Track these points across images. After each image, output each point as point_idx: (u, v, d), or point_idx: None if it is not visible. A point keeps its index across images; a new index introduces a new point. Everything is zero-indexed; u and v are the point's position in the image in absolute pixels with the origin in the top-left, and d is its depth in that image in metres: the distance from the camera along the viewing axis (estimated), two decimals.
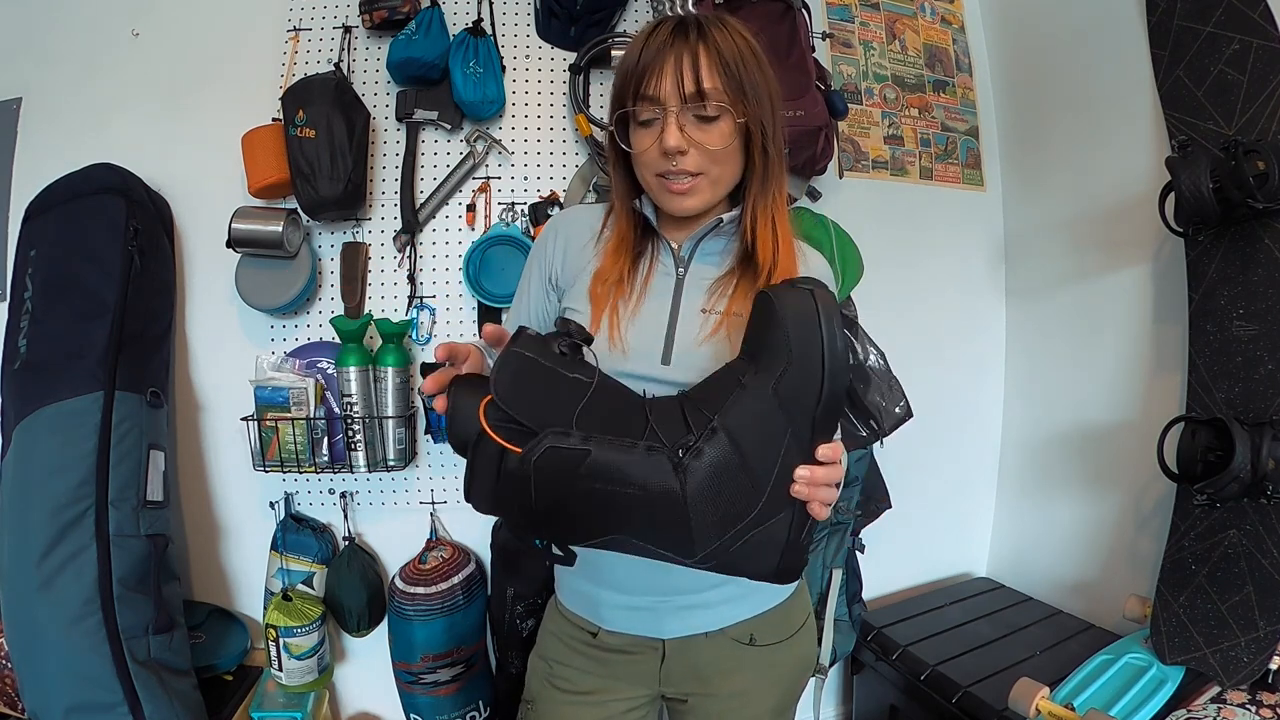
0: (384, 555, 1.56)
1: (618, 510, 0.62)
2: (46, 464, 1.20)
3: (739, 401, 0.62)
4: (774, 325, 0.62)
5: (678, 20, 0.77)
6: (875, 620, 1.67)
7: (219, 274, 1.46)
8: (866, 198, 1.80)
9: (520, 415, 0.61)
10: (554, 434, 0.61)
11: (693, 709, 0.94)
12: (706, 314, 0.82)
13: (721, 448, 0.61)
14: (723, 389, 0.64)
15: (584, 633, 0.92)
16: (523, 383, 0.62)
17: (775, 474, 0.62)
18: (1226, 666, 1.23)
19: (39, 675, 1.15)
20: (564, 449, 0.61)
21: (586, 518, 0.63)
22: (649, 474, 0.61)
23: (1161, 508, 1.47)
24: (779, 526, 0.63)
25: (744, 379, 0.63)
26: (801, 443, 0.62)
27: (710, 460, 0.61)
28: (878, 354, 1.58)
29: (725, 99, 0.75)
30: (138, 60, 1.49)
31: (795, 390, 0.61)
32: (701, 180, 0.79)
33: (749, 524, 0.63)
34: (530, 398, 0.62)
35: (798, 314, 0.61)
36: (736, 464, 0.61)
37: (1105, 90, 1.65)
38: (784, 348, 0.61)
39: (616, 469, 0.61)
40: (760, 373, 0.62)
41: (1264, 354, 1.28)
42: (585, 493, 0.61)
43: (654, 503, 0.61)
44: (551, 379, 0.63)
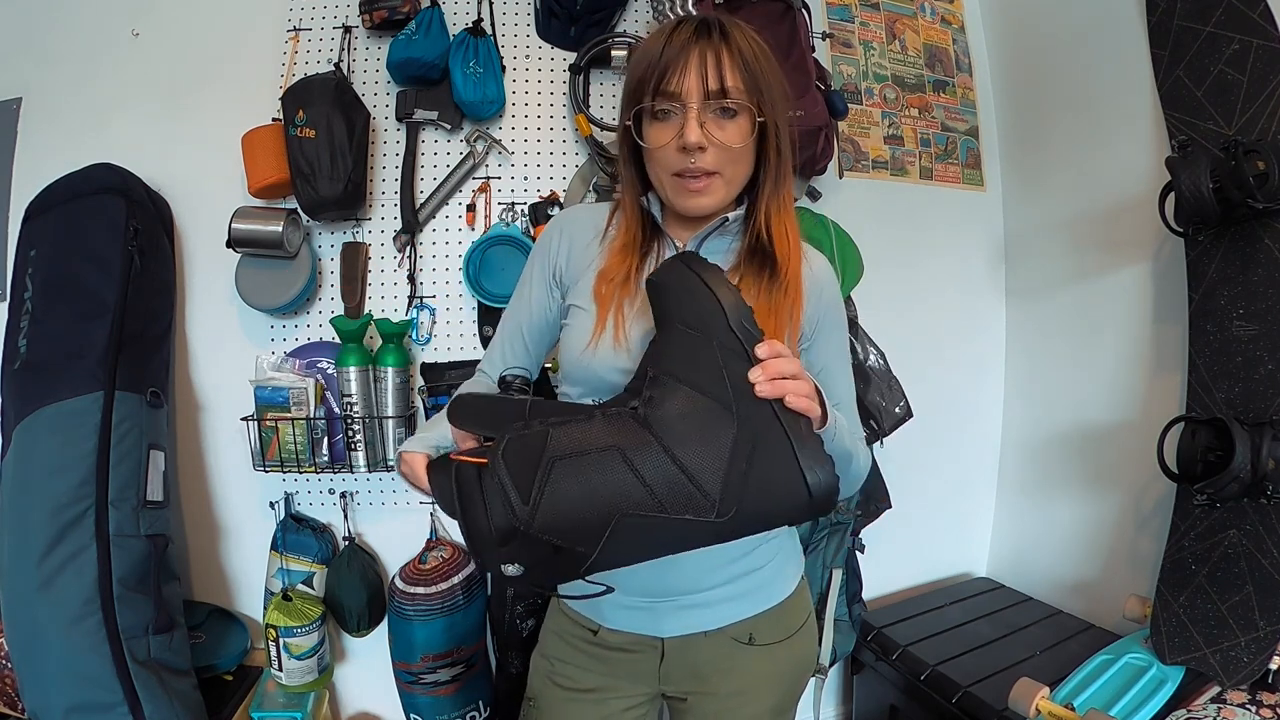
0: (384, 555, 1.56)
1: (603, 479, 0.60)
2: (46, 464, 1.20)
3: (662, 346, 0.68)
4: (656, 290, 0.70)
5: (700, 20, 0.79)
6: (875, 620, 1.67)
7: (219, 274, 1.46)
8: (866, 198, 1.79)
9: (477, 429, 0.68)
10: (510, 429, 0.65)
11: (692, 708, 0.94)
12: None
13: (666, 383, 0.64)
14: (649, 356, 0.70)
15: (585, 630, 0.92)
16: (475, 410, 0.69)
17: (729, 384, 0.63)
18: (1226, 666, 1.23)
19: (39, 675, 1.15)
20: (524, 434, 0.63)
21: (577, 501, 0.60)
22: (616, 432, 0.62)
23: (1161, 508, 1.47)
24: (775, 439, 0.61)
25: (657, 336, 0.70)
26: (735, 351, 0.64)
27: (663, 397, 0.63)
28: (878, 354, 1.58)
29: (745, 97, 0.77)
30: (138, 60, 1.49)
31: (697, 316, 0.66)
32: (717, 180, 0.79)
33: (740, 445, 0.61)
34: (485, 417, 0.68)
35: (664, 271, 0.71)
36: (687, 388, 0.63)
37: (1105, 90, 1.65)
38: (671, 295, 0.69)
39: (582, 438, 0.62)
40: (666, 324, 0.69)
41: (1264, 354, 1.28)
42: (562, 470, 0.60)
43: (634, 459, 0.60)
44: (495, 403, 0.70)
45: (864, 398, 1.51)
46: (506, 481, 0.61)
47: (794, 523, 0.67)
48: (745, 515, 0.61)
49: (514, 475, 0.61)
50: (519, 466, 0.61)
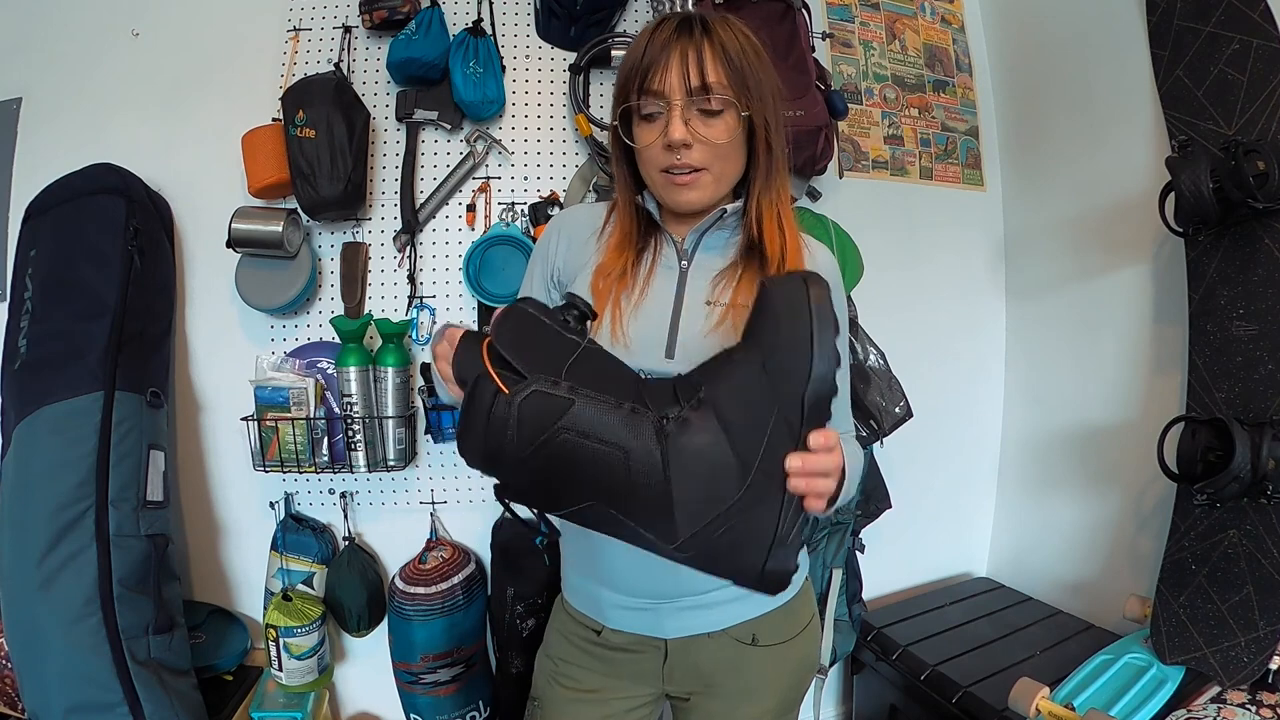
0: (384, 555, 1.56)
1: (596, 470, 0.62)
2: (46, 464, 1.20)
3: (727, 375, 0.63)
4: (765, 308, 0.64)
5: (682, 17, 0.78)
6: (875, 620, 1.67)
7: (219, 274, 1.46)
8: (866, 198, 1.79)
9: (515, 360, 0.63)
10: (542, 379, 0.62)
11: (695, 708, 0.94)
12: (711, 306, 0.83)
13: (707, 416, 0.61)
14: (715, 364, 0.66)
15: (589, 631, 0.92)
16: (521, 332, 0.64)
17: (762, 453, 0.61)
18: (1226, 666, 1.23)
19: (39, 675, 1.15)
20: (549, 394, 0.61)
21: (564, 475, 0.63)
22: (631, 435, 0.61)
23: (1161, 508, 1.47)
24: (766, 516, 0.62)
25: (734, 354, 0.65)
26: (790, 425, 0.62)
27: (695, 430, 0.61)
28: (878, 354, 1.57)
29: (729, 93, 0.77)
30: (138, 60, 1.49)
31: (783, 368, 0.61)
32: (704, 175, 0.79)
33: (734, 507, 0.62)
34: (526, 346, 0.64)
35: (787, 297, 0.62)
36: (722, 438, 0.61)
37: (1105, 90, 1.65)
38: (773, 328, 0.62)
39: (598, 423, 0.61)
40: (750, 349, 0.64)
41: (1264, 354, 1.28)
42: (564, 445, 0.61)
43: (633, 468, 0.61)
44: (548, 334, 0.65)
45: (864, 398, 1.51)
46: (513, 423, 0.61)
47: (735, 584, 0.67)
48: (695, 560, 0.65)
49: (522, 423, 0.61)
50: (530, 419, 0.61)
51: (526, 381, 0.61)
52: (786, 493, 0.62)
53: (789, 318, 0.62)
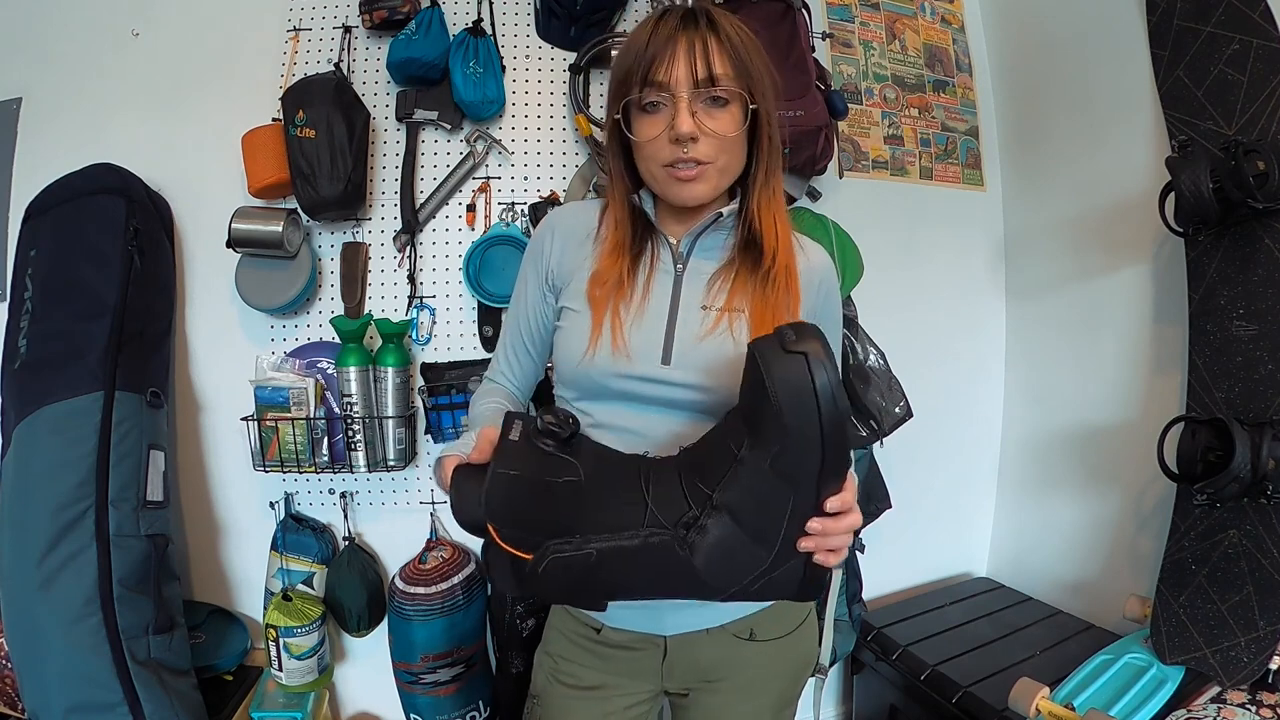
0: (384, 555, 1.56)
1: (636, 584, 0.66)
2: (46, 464, 1.20)
3: (737, 478, 0.61)
4: (767, 397, 0.58)
5: (685, 10, 0.78)
6: (875, 620, 1.67)
7: (219, 274, 1.46)
8: (866, 198, 1.79)
9: (520, 532, 0.62)
10: (555, 544, 0.61)
11: (694, 703, 0.94)
12: (706, 310, 0.82)
13: (724, 525, 0.61)
14: (719, 459, 0.63)
15: (588, 629, 0.92)
16: (516, 502, 0.63)
17: (782, 538, 0.63)
18: (1226, 666, 1.23)
19: (39, 675, 1.15)
20: (568, 555, 0.61)
21: (606, 592, 0.67)
22: (658, 560, 0.62)
23: (1161, 508, 1.47)
24: (792, 569, 0.65)
25: (740, 453, 0.61)
26: (807, 503, 0.62)
27: (716, 538, 0.61)
28: (878, 354, 1.58)
29: (736, 84, 0.76)
30: (138, 60, 1.49)
31: (794, 464, 0.59)
32: (709, 169, 0.78)
33: (763, 573, 0.64)
34: (525, 515, 0.63)
35: (790, 385, 0.57)
36: (741, 534, 0.62)
37: (1105, 90, 1.65)
38: (778, 422, 0.58)
39: (625, 561, 0.62)
40: (756, 448, 0.60)
41: (1264, 354, 1.28)
42: (601, 581, 0.64)
43: (669, 576, 0.63)
44: (542, 490, 0.63)
45: (864, 398, 1.51)
46: (544, 579, 0.62)
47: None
48: (734, 599, 0.66)
49: (553, 578, 0.62)
50: (558, 575, 0.62)
51: (541, 551, 0.61)
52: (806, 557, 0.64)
53: (794, 413, 0.57)
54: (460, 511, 0.65)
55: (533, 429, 0.65)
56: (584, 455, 0.66)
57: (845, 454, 0.61)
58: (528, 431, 0.65)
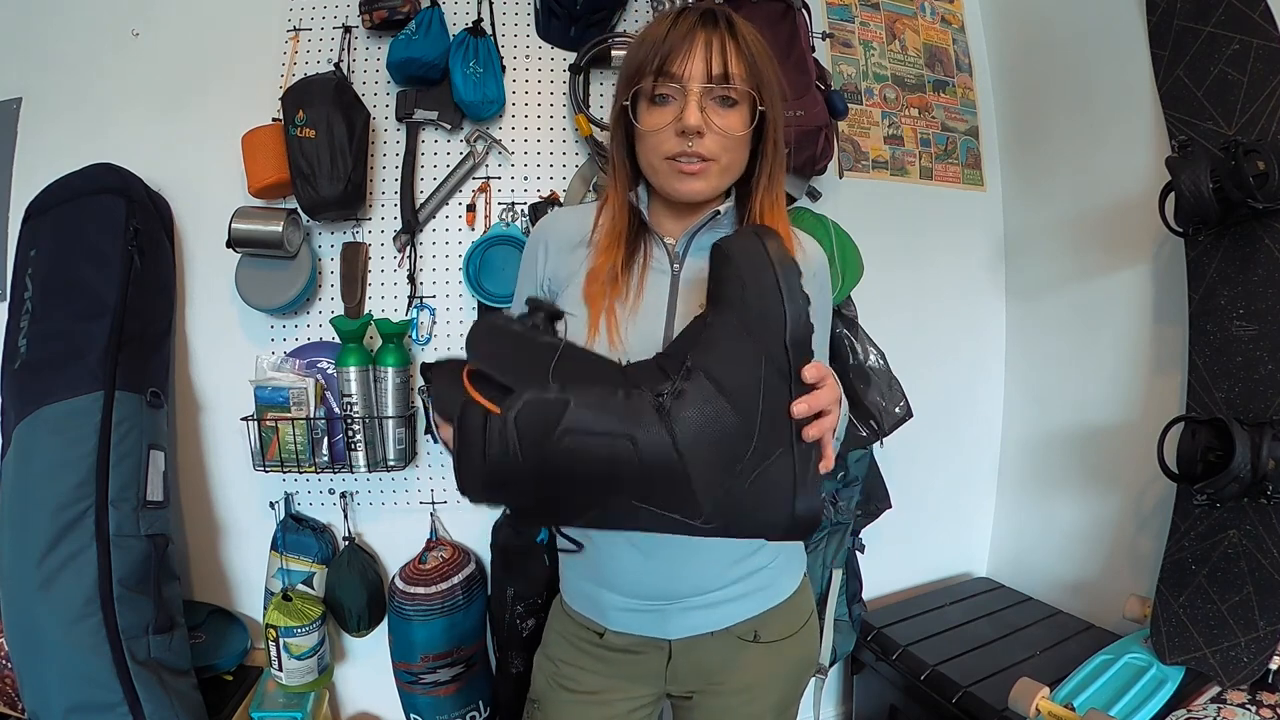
0: (384, 555, 1.56)
1: (607, 465, 0.60)
2: (46, 464, 1.20)
3: (708, 341, 0.63)
4: (726, 268, 0.64)
5: (705, 9, 0.79)
6: (875, 620, 1.67)
7: (219, 274, 1.46)
8: (866, 198, 1.79)
9: (500, 375, 0.61)
10: (533, 389, 0.59)
11: (697, 705, 0.94)
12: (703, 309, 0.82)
13: (701, 383, 0.61)
14: (691, 337, 0.66)
15: (590, 633, 0.92)
16: (497, 344, 0.63)
17: (761, 404, 0.61)
18: (1226, 666, 1.23)
19: (39, 675, 1.15)
20: (544, 399, 0.59)
21: (574, 479, 0.61)
22: (633, 420, 0.60)
23: (1161, 508, 1.47)
24: (782, 465, 0.62)
25: (708, 319, 0.65)
26: (781, 371, 0.62)
27: (693, 398, 0.61)
28: (878, 354, 1.58)
29: (748, 85, 0.77)
30: (138, 60, 1.48)
31: (759, 318, 0.62)
32: (712, 166, 0.79)
33: (748, 464, 0.61)
34: (505, 358, 0.63)
35: (745, 251, 0.64)
36: (720, 397, 0.61)
37: (1105, 90, 1.65)
38: (738, 282, 0.63)
39: (599, 417, 0.59)
40: (721, 313, 0.64)
41: (1264, 354, 1.28)
42: (570, 448, 0.59)
43: (644, 452, 0.60)
44: (523, 342, 0.64)
45: (864, 398, 1.51)
46: (512, 440, 0.59)
47: (769, 539, 0.67)
48: (723, 529, 0.64)
49: (522, 437, 0.59)
50: (529, 430, 0.59)
51: (516, 394, 0.59)
52: (795, 436, 0.62)
53: (752, 272, 0.63)
54: (441, 403, 0.64)
55: (522, 313, 0.68)
56: (560, 338, 0.68)
57: (805, 324, 0.63)
58: (533, 304, 0.68)
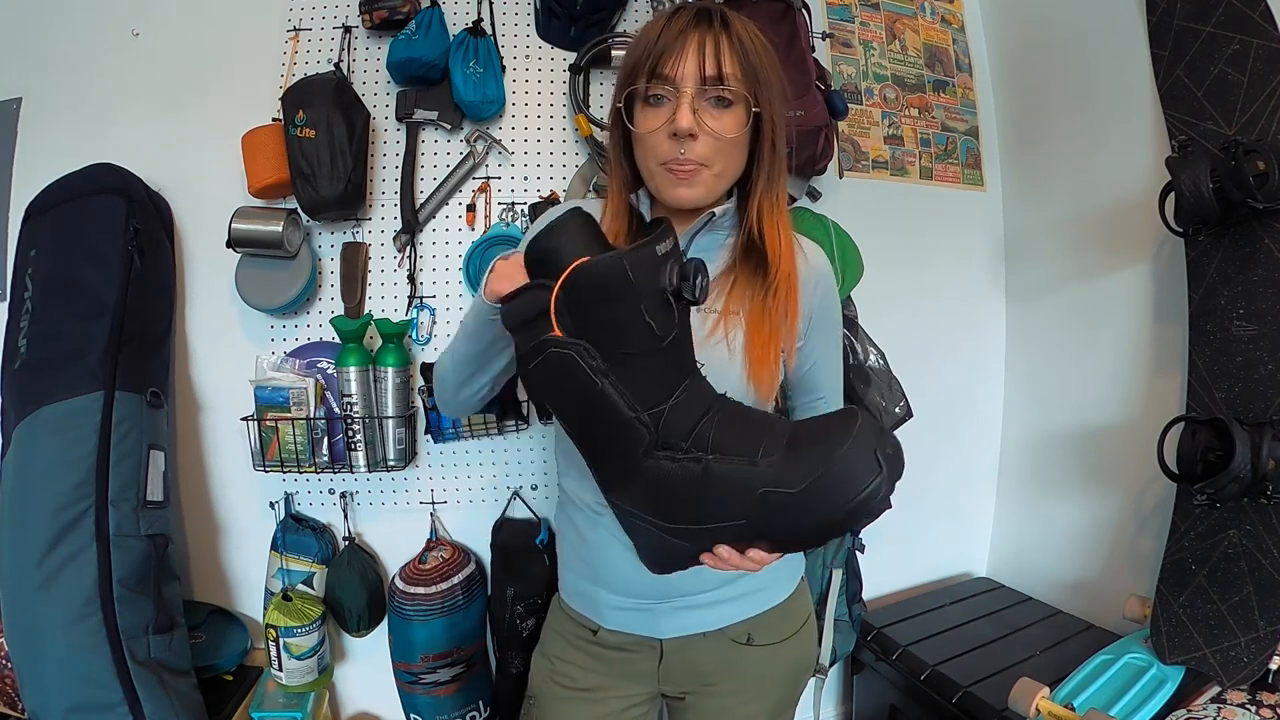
0: (384, 555, 1.56)
1: (594, 413, 0.63)
2: (46, 464, 1.19)
3: (739, 470, 0.62)
4: (828, 460, 0.60)
5: (700, 7, 0.78)
6: (875, 620, 1.67)
7: (219, 274, 1.46)
8: (866, 198, 1.79)
9: (582, 317, 0.60)
10: (580, 350, 0.60)
11: (690, 707, 0.94)
12: (704, 313, 0.82)
13: (682, 472, 0.63)
14: (752, 436, 0.64)
15: (585, 630, 0.92)
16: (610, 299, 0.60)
17: (697, 531, 0.64)
18: (1226, 666, 1.23)
19: (39, 675, 1.15)
20: (579, 364, 0.60)
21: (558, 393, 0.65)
22: (622, 428, 0.62)
23: (1161, 508, 1.47)
24: (675, 552, 0.68)
25: (762, 458, 0.62)
26: (738, 535, 0.64)
27: (669, 474, 0.63)
28: (878, 354, 1.58)
29: (743, 86, 0.76)
30: (138, 60, 1.48)
31: (772, 513, 0.61)
32: (705, 172, 0.78)
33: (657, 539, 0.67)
34: (604, 315, 0.61)
35: (849, 473, 0.60)
36: (686, 493, 0.63)
37: (1105, 90, 1.65)
38: (809, 481, 0.60)
39: (607, 406, 0.61)
40: (775, 471, 0.61)
41: (1264, 354, 1.28)
42: (564, 391, 0.63)
43: (616, 431, 0.63)
44: (635, 312, 0.60)
45: (864, 398, 1.51)
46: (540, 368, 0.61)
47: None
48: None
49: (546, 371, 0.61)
50: (550, 373, 0.61)
51: (569, 340, 0.60)
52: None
53: (832, 504, 0.60)
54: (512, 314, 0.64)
55: (680, 270, 0.62)
56: (683, 325, 0.66)
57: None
58: (676, 265, 0.62)
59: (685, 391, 0.65)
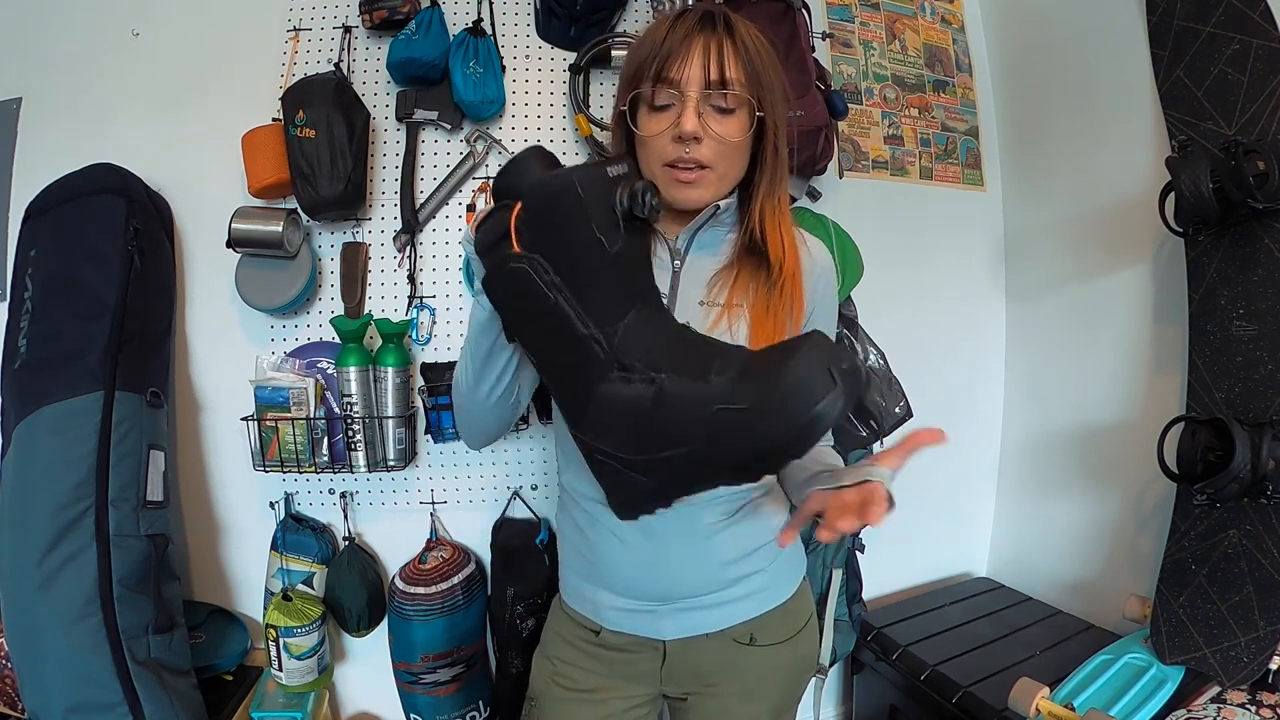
0: (384, 555, 1.56)
1: (552, 333, 0.66)
2: (46, 464, 1.20)
3: (692, 389, 0.60)
4: (779, 373, 0.57)
5: (704, 11, 0.78)
6: (875, 620, 1.67)
7: (219, 274, 1.46)
8: (866, 198, 1.79)
9: (537, 233, 0.64)
10: (534, 263, 0.63)
11: (692, 707, 0.94)
12: (706, 306, 0.82)
13: (636, 394, 0.62)
14: (708, 358, 0.63)
15: (587, 631, 0.92)
16: (560, 214, 0.64)
17: (661, 462, 0.62)
18: (1226, 666, 1.23)
19: (39, 675, 1.15)
20: (532, 278, 0.63)
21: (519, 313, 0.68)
22: (577, 346, 0.64)
23: (1161, 508, 1.47)
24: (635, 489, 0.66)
25: (715, 376, 0.60)
26: (696, 464, 0.61)
27: (623, 393, 0.63)
28: (878, 354, 1.58)
29: (746, 91, 0.77)
30: (138, 60, 1.48)
31: (726, 433, 0.58)
32: (709, 173, 0.79)
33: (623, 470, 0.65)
34: (555, 230, 0.64)
35: (802, 385, 0.56)
36: (639, 417, 0.62)
37: (1105, 90, 1.65)
38: (760, 395, 0.57)
39: (562, 322, 0.63)
40: (727, 388, 0.59)
41: (1264, 354, 1.28)
42: (524, 310, 0.67)
43: (573, 351, 0.65)
44: (584, 223, 0.63)
45: (864, 398, 1.52)
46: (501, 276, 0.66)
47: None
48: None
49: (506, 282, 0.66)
50: (510, 286, 0.65)
51: (524, 256, 0.64)
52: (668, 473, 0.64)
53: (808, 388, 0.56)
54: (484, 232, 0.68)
55: (630, 190, 0.64)
56: (634, 245, 0.68)
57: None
58: (627, 187, 0.64)
59: (642, 315, 0.66)
